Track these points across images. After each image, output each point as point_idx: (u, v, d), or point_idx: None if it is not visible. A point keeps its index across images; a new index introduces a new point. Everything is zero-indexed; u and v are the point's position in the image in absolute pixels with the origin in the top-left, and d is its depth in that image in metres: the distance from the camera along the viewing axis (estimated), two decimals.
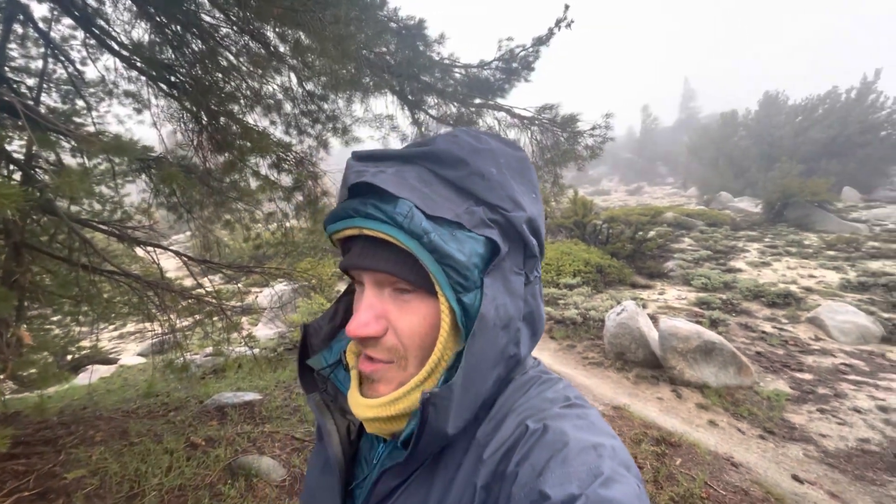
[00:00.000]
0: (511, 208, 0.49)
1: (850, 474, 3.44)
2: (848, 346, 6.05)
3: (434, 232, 0.45)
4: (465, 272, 0.46)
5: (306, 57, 2.49)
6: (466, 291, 0.47)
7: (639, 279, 9.93)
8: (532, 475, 0.40)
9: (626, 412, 4.20)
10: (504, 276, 0.49)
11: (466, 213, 0.47)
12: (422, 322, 0.49)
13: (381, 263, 0.48)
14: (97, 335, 3.91)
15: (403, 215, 0.45)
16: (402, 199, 0.45)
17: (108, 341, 9.38)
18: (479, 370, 0.47)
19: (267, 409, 3.92)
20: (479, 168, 0.49)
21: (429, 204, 0.46)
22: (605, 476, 0.38)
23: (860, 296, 8.24)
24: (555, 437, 0.43)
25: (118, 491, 2.57)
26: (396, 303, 0.50)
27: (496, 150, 0.51)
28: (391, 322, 0.50)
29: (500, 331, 0.48)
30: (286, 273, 5.20)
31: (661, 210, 16.71)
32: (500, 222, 0.49)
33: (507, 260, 0.49)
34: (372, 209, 0.47)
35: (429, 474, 0.49)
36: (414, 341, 0.49)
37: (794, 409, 4.44)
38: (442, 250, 0.45)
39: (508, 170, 0.51)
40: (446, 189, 0.49)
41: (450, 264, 0.45)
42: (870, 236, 13.04)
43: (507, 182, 0.50)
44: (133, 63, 3.45)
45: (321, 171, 3.81)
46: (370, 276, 0.50)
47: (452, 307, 0.47)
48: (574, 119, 3.81)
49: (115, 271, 3.62)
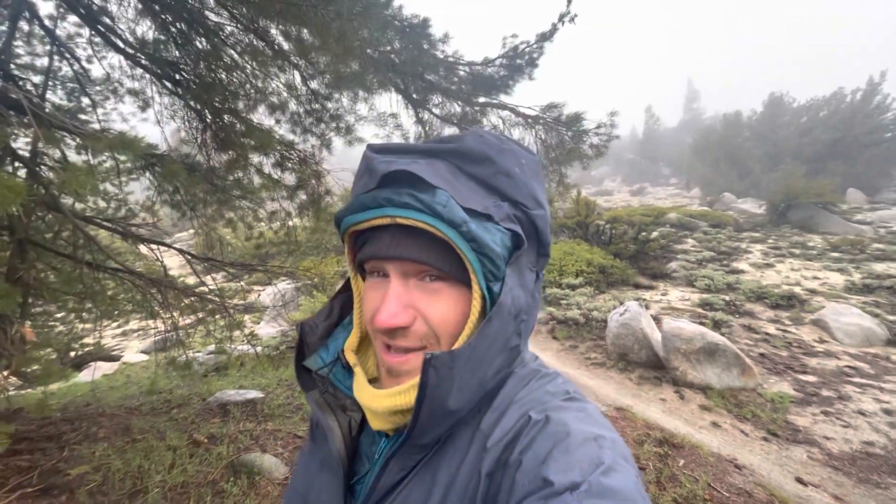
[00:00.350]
0: (533, 206, 0.52)
1: (854, 477, 3.42)
2: (852, 349, 6.01)
3: (472, 222, 0.46)
4: (497, 262, 0.48)
5: (309, 54, 2.48)
6: (496, 281, 0.49)
7: (642, 280, 9.90)
8: (535, 463, 0.42)
9: (628, 413, 4.18)
10: (520, 270, 0.51)
11: (494, 207, 0.49)
12: (453, 309, 0.51)
13: (416, 253, 0.49)
14: (101, 332, 3.91)
15: (442, 204, 0.46)
16: (440, 189, 0.46)
17: (111, 338, 9.41)
18: (487, 353, 0.48)
19: (269, 407, 3.92)
20: (504, 167, 0.51)
21: (460, 196, 0.47)
22: (606, 465, 0.39)
23: (865, 298, 8.19)
24: (557, 427, 0.44)
25: (121, 488, 2.58)
26: (424, 292, 0.51)
27: (517, 151, 0.53)
28: (420, 310, 0.50)
29: (512, 320, 0.50)
30: (288, 272, 5.21)
31: (664, 211, 16.65)
32: (522, 219, 0.51)
33: (525, 256, 0.52)
34: (408, 198, 0.47)
35: (433, 465, 0.50)
36: (446, 328, 0.51)
37: (797, 411, 4.41)
38: (480, 240, 0.47)
39: (529, 171, 0.53)
40: (473, 184, 0.51)
41: (486, 253, 0.47)
42: (874, 238, 12.97)
43: (528, 181, 0.52)
44: (138, 61, 3.46)
45: (324, 170, 3.81)
46: (398, 265, 0.51)
47: (484, 295, 0.49)
48: (579, 118, 3.79)
49: (119, 269, 3.63)
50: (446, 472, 0.49)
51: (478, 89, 4.34)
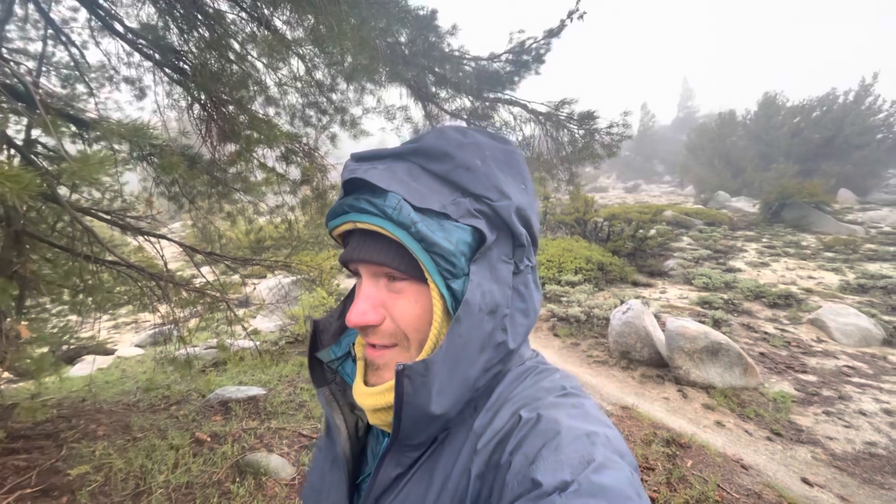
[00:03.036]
0: (497, 198, 0.50)
1: (858, 478, 3.44)
2: (850, 349, 6.07)
3: (421, 222, 0.47)
4: (452, 259, 0.48)
5: (324, 44, 2.39)
6: (455, 278, 0.49)
7: (640, 277, 9.92)
8: (525, 463, 0.41)
9: (634, 413, 4.17)
10: (491, 265, 0.50)
11: (453, 205, 0.49)
12: (414, 307, 0.51)
13: (374, 255, 0.51)
14: (99, 326, 3.81)
15: (392, 207, 0.47)
16: (391, 193, 0.48)
17: (105, 332, 9.23)
18: (465, 352, 0.48)
19: (272, 405, 3.85)
20: (464, 161, 0.50)
21: (417, 196, 0.48)
22: (597, 462, 0.38)
23: (860, 298, 8.29)
24: (548, 425, 0.43)
25: (124, 488, 2.50)
26: (391, 291, 0.52)
27: (482, 143, 0.53)
28: (388, 310, 0.52)
29: (486, 316, 0.49)
30: (286, 265, 5.12)
31: (661, 208, 16.72)
32: (487, 212, 0.50)
33: (495, 249, 0.51)
34: (364, 203, 0.49)
35: (431, 465, 0.50)
36: (410, 325, 0.51)
37: (799, 411, 4.44)
38: (429, 239, 0.47)
39: (494, 161, 0.52)
40: (434, 182, 0.51)
41: (437, 252, 0.47)
42: (866, 238, 13.14)
43: (492, 173, 0.51)
44: (138, 47, 3.33)
45: (330, 165, 3.72)
46: (366, 267, 0.53)
47: (442, 293, 0.49)
48: (592, 116, 3.73)
49: (117, 262, 3.52)
50: (442, 472, 0.49)
51: (482, 84, 4.27)
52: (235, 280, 5.93)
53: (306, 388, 4.37)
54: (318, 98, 4.02)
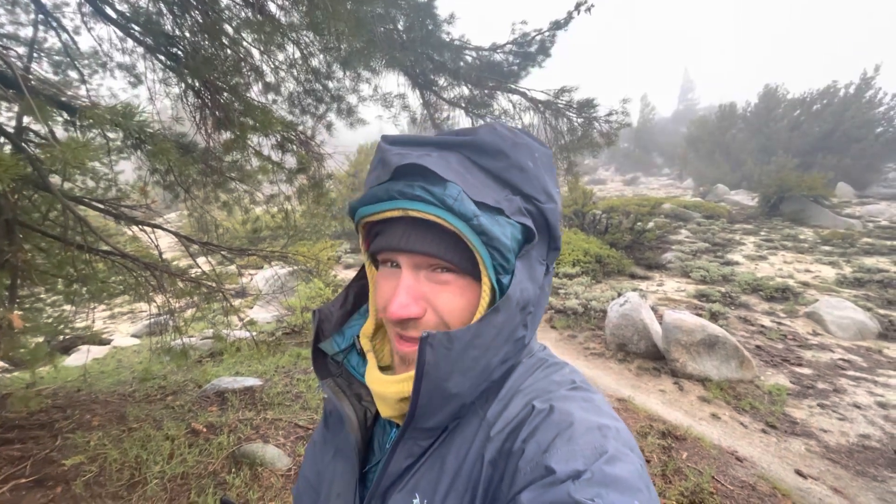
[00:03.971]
0: (545, 200, 0.52)
1: (851, 470, 3.46)
2: (846, 342, 6.10)
3: (483, 215, 0.46)
4: (507, 255, 0.48)
5: (320, 28, 2.34)
6: (505, 273, 0.49)
7: (637, 270, 9.93)
8: (538, 451, 0.42)
9: (630, 404, 4.19)
10: (530, 264, 0.51)
11: (506, 201, 0.49)
12: (460, 300, 0.51)
13: (426, 245, 0.49)
14: (94, 316, 3.78)
15: (453, 198, 0.46)
16: (451, 182, 0.46)
17: (100, 322, 9.21)
18: (494, 342, 0.49)
19: (268, 396, 3.85)
20: (518, 160, 0.50)
21: (472, 189, 0.47)
22: (609, 454, 0.40)
23: (856, 292, 8.31)
24: (561, 416, 0.44)
25: (118, 479, 2.50)
26: (435, 283, 0.52)
27: (531, 144, 0.53)
28: (430, 302, 0.51)
29: (519, 312, 0.50)
30: (283, 255, 5.08)
31: (660, 201, 16.69)
32: (533, 213, 0.51)
33: (535, 249, 0.52)
34: (420, 191, 0.47)
35: (442, 453, 0.50)
36: (455, 319, 0.51)
37: (794, 403, 4.46)
38: (490, 233, 0.47)
39: (542, 164, 0.53)
40: (485, 177, 0.50)
41: (496, 247, 0.47)
42: (864, 232, 13.15)
43: (541, 175, 0.52)
44: (130, 32, 3.26)
45: (327, 153, 3.67)
46: (409, 258, 0.51)
47: (494, 287, 0.49)
48: (591, 104, 3.68)
49: (112, 251, 3.49)
50: (454, 460, 0.49)
51: (484, 75, 4.20)
52: (232, 270, 5.89)
53: (302, 380, 4.37)
54: (314, 85, 3.96)
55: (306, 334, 6.43)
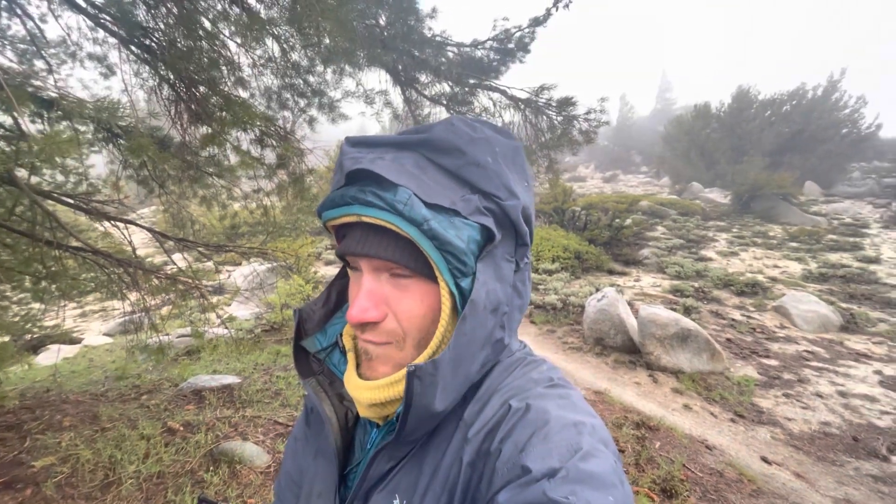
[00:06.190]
0: (506, 197, 0.50)
1: (813, 455, 3.64)
2: (810, 335, 6.38)
3: (433, 219, 0.46)
4: (463, 258, 0.47)
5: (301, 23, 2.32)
6: (464, 276, 0.48)
7: (615, 266, 10.14)
8: (514, 451, 0.42)
9: (606, 397, 4.30)
10: (495, 263, 0.50)
11: (462, 201, 0.48)
12: (420, 306, 0.50)
13: (381, 250, 0.49)
14: (64, 314, 3.67)
15: (403, 203, 0.45)
16: (402, 187, 0.45)
17: (71, 320, 8.91)
18: (468, 351, 0.48)
19: (247, 393, 3.81)
20: (475, 157, 0.49)
21: (426, 191, 0.46)
22: (584, 451, 0.40)
23: (820, 286, 8.68)
24: (537, 415, 0.44)
25: (92, 479, 2.44)
26: (395, 288, 0.51)
27: (491, 138, 0.51)
28: (390, 307, 0.51)
29: (489, 315, 0.50)
30: (262, 252, 5.01)
31: (637, 198, 17.04)
32: (495, 210, 0.49)
33: (500, 247, 0.50)
34: (371, 196, 0.47)
35: (420, 456, 0.51)
36: (413, 324, 0.51)
37: (762, 393, 4.65)
38: (441, 237, 0.46)
39: (503, 159, 0.51)
40: (442, 176, 0.49)
41: (449, 250, 0.47)
42: (829, 229, 13.71)
43: (502, 171, 0.50)
44: (101, 22, 3.16)
45: (307, 148, 3.64)
46: (368, 262, 0.51)
47: (452, 291, 0.48)
48: (570, 102, 3.75)
49: (83, 248, 3.39)
50: (432, 461, 0.49)
51: (466, 71, 4.23)
52: (209, 267, 5.79)
53: (282, 377, 4.34)
54: (294, 80, 3.91)
55: (286, 331, 6.37)
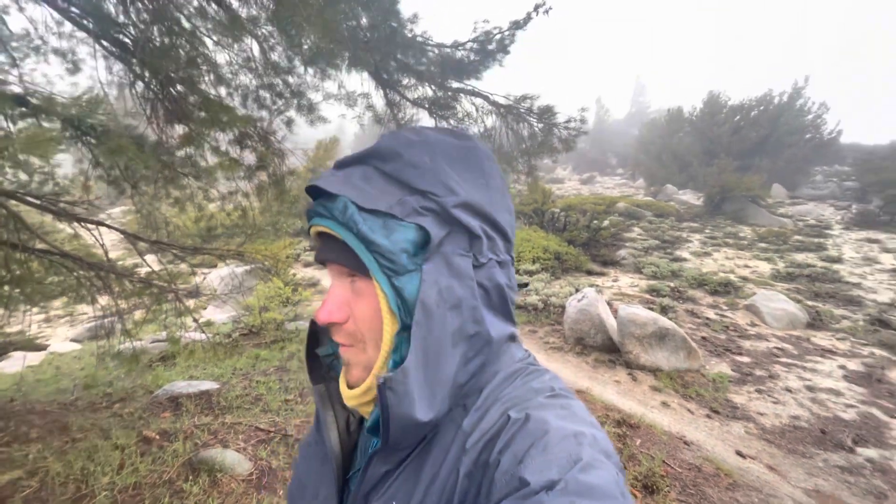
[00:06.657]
0: (443, 193, 0.51)
1: (784, 448, 3.79)
2: (779, 332, 6.63)
3: (364, 223, 0.49)
4: (391, 257, 0.49)
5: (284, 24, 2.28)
6: (398, 275, 0.50)
7: (594, 266, 10.31)
8: (513, 462, 0.42)
9: (588, 396, 4.37)
10: (447, 260, 0.51)
11: (398, 204, 0.50)
12: (368, 306, 0.52)
13: (332, 255, 0.53)
14: (29, 320, 3.51)
15: (340, 210, 0.50)
16: (340, 197, 0.50)
17: (35, 326, 8.51)
18: (437, 351, 0.49)
19: (226, 399, 3.72)
20: (411, 159, 0.52)
21: (366, 198, 0.49)
22: (584, 462, 0.39)
23: (788, 285, 9.03)
24: (536, 425, 0.44)
25: (63, 493, 2.34)
26: (352, 292, 0.54)
27: (432, 140, 0.54)
28: (351, 309, 0.54)
29: (449, 312, 0.50)
30: (238, 253, 4.90)
31: (614, 200, 17.38)
32: (435, 209, 0.51)
33: (448, 244, 0.51)
34: (321, 208, 0.53)
35: (418, 464, 0.51)
36: (366, 325, 0.53)
37: (735, 389, 4.81)
38: (368, 238, 0.49)
39: (444, 158, 0.53)
40: (386, 183, 0.52)
41: (377, 251, 0.49)
42: (795, 230, 14.30)
43: (439, 169, 0.52)
44: (69, 15, 3.03)
45: (288, 149, 3.58)
46: (331, 267, 0.55)
47: (384, 290, 0.50)
48: (551, 110, 3.81)
49: (49, 250, 3.25)
50: (430, 470, 0.49)
51: (447, 72, 4.24)
52: (184, 269, 5.63)
53: (262, 382, 4.25)
54: (273, 80, 3.84)
55: (265, 335, 6.24)
